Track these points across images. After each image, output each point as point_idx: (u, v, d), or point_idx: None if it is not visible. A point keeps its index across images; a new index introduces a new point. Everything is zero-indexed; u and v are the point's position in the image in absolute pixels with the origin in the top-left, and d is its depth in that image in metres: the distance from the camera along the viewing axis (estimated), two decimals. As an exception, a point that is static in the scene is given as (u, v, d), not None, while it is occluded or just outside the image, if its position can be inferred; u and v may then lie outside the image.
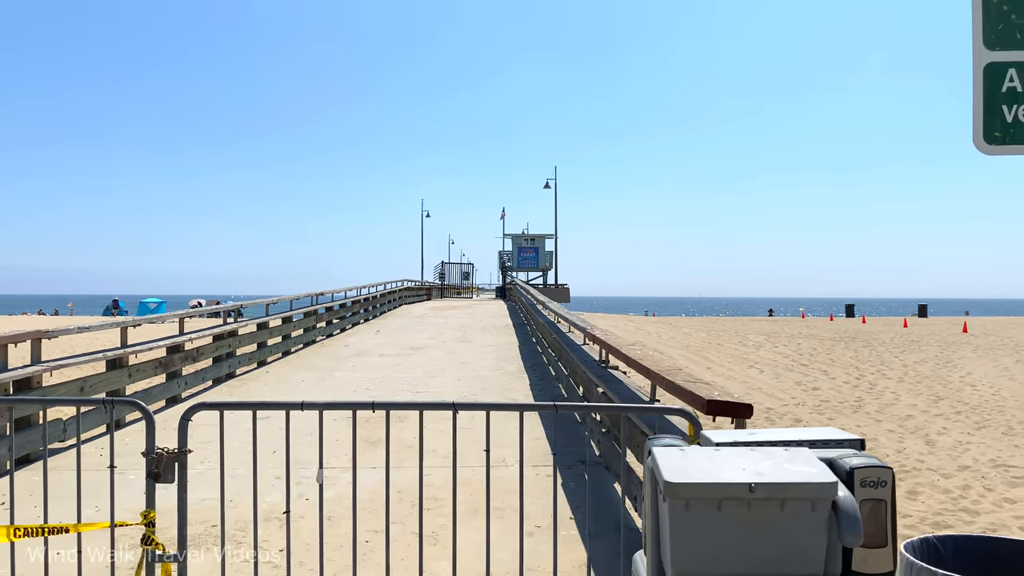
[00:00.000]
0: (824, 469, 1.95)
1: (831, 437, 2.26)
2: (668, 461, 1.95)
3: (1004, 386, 16.29)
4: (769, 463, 1.95)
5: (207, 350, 12.62)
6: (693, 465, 1.97)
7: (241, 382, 13.31)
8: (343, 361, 15.81)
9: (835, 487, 1.88)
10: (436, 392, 12.11)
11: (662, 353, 21.23)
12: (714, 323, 37.86)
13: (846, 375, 17.67)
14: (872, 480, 1.96)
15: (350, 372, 14.29)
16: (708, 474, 1.92)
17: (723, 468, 1.96)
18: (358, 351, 17.59)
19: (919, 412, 13.16)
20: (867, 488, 1.96)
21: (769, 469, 1.93)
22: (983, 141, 2.12)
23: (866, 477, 1.97)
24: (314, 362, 15.76)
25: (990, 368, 19.12)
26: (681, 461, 1.95)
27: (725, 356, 20.89)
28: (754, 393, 14.85)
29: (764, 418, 12.34)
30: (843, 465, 2.01)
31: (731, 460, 1.99)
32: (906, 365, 19.58)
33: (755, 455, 2.01)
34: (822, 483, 1.88)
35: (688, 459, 1.98)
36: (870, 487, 1.96)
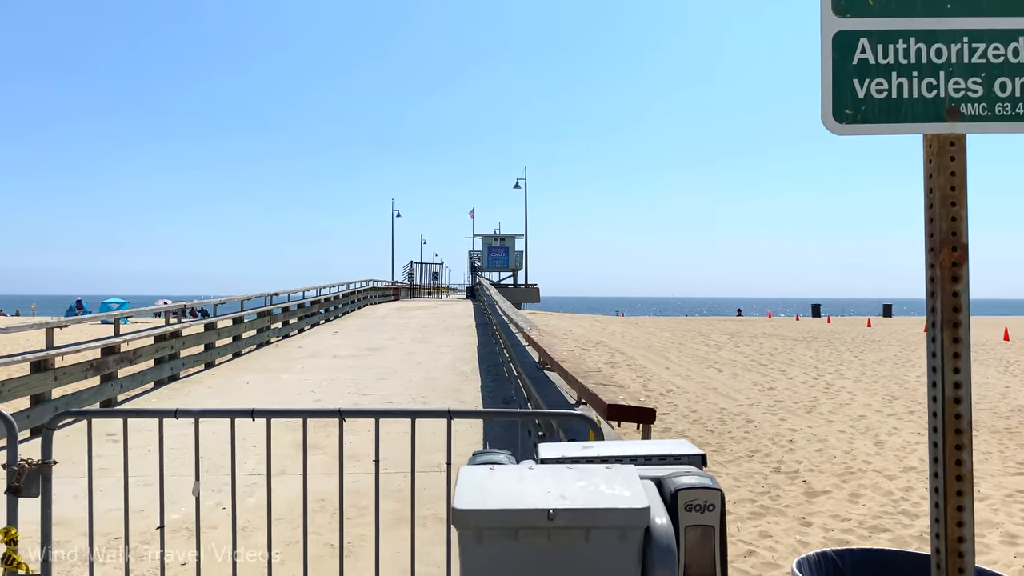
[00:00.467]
0: (639, 492, 1.70)
1: (671, 452, 2.04)
2: (468, 483, 1.71)
3: (959, 385, 16.36)
4: (581, 484, 1.72)
5: (147, 352, 12.24)
6: (496, 488, 1.71)
7: (184, 384, 12.94)
8: (294, 363, 15.48)
9: (646, 513, 1.64)
10: (383, 395, 11.85)
11: (624, 354, 21.12)
12: (681, 323, 37.92)
13: (804, 375, 17.65)
14: (698, 504, 1.73)
15: (298, 374, 13.97)
16: (507, 499, 1.66)
17: (529, 491, 1.70)
18: (312, 352, 17.26)
19: (872, 412, 13.11)
20: (693, 513, 1.73)
21: (578, 492, 1.69)
22: (832, 119, 1.91)
23: (692, 500, 1.74)
24: (264, 364, 15.42)
25: (947, 367, 19.23)
26: (485, 483, 1.71)
27: (686, 356, 20.81)
28: (709, 394, 14.75)
29: (716, 419, 12.23)
30: (669, 486, 1.79)
31: (542, 481, 1.75)
32: (864, 365, 19.62)
33: (571, 474, 1.77)
34: (631, 509, 1.63)
35: (495, 480, 1.74)
36: (696, 511, 1.73)
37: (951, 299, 1.69)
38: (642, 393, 14.64)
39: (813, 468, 9.13)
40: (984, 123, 1.89)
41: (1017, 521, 7.10)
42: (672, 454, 2.02)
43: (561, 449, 2.09)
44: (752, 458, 9.64)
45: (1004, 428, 11.86)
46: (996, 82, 1.92)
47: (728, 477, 8.67)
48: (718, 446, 10.32)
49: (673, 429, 11.38)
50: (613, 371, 17.48)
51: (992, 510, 7.45)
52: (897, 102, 1.93)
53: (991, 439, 10.98)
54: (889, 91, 1.93)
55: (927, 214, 1.81)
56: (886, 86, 1.93)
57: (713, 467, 9.13)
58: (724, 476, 8.70)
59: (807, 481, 8.49)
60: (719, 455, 9.79)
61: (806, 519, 7.11)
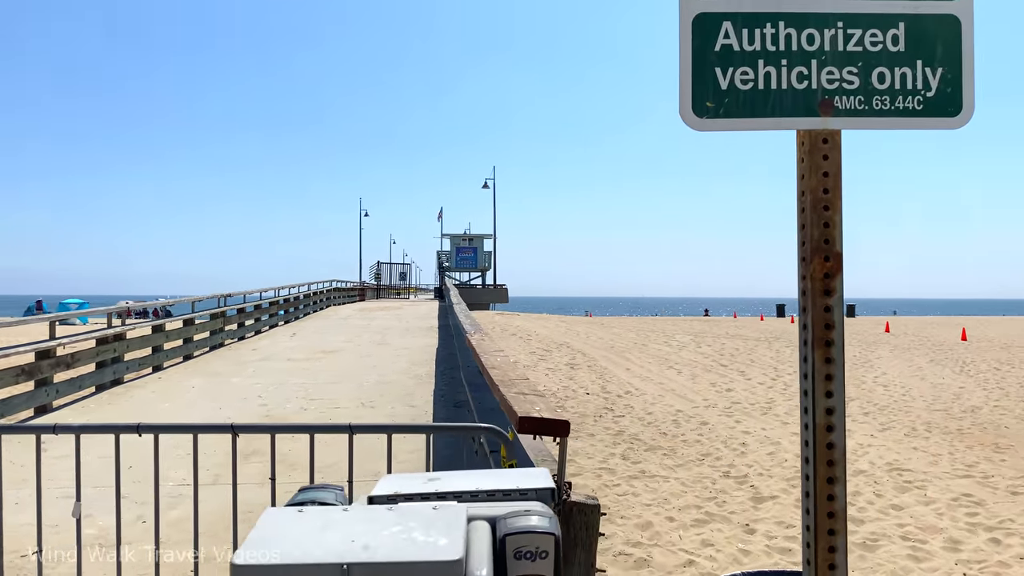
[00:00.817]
0: (457, 540, 1.47)
1: (520, 486, 1.84)
2: (261, 531, 1.49)
3: (915, 386, 16.42)
4: (396, 530, 1.50)
5: (87, 355, 11.85)
6: (291, 537, 1.48)
7: (127, 389, 12.55)
8: (245, 366, 15.13)
9: (459, 566, 1.40)
10: (330, 399, 11.57)
11: (586, 355, 20.98)
12: (647, 323, 37.94)
13: (763, 375, 17.64)
14: (529, 551, 1.53)
15: (248, 378, 13.64)
16: (296, 552, 1.42)
17: (328, 541, 1.48)
18: (266, 355, 16.91)
19: (828, 414, 13.10)
20: (523, 561, 1.53)
21: (388, 541, 1.47)
22: (691, 113, 1.71)
23: (521, 547, 1.54)
24: (214, 367, 15.05)
25: (904, 368, 19.34)
26: (283, 529, 1.49)
27: (647, 357, 20.73)
28: (667, 395, 14.65)
29: (671, 421, 12.11)
30: (500, 529, 1.59)
31: (351, 527, 1.52)
32: (824, 365, 19.68)
33: (389, 518, 1.56)
34: (441, 562, 1.39)
35: (296, 526, 1.51)
36: (527, 560, 1.53)
37: (823, 314, 1.52)
38: (601, 394, 14.51)
39: (763, 472, 9.03)
40: (860, 118, 1.71)
41: (961, 526, 7.04)
42: (519, 488, 1.82)
43: (400, 483, 1.88)
44: (703, 462, 9.52)
45: (956, 429, 11.89)
46: (874, 73, 1.73)
47: (676, 482, 8.54)
48: (670, 449, 10.20)
49: (627, 432, 11.24)
50: (574, 372, 17.34)
51: (937, 515, 7.39)
52: (764, 94, 1.73)
53: (942, 441, 10.98)
54: (755, 81, 1.73)
55: (799, 219, 1.63)
56: (752, 76, 1.73)
57: (663, 471, 9.00)
58: (672, 481, 8.57)
59: (755, 486, 8.38)
60: (670, 459, 9.67)
61: (750, 526, 6.98)
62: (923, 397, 14.93)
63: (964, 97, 1.75)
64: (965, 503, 7.78)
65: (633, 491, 8.12)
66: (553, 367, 18.16)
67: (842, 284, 1.53)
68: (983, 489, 8.33)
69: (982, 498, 7.97)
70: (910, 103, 1.73)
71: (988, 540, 6.66)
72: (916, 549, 6.41)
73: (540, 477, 1.90)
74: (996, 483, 8.60)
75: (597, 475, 8.73)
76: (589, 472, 8.84)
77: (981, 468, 9.32)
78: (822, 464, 1.52)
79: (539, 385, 15.43)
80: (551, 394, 14.37)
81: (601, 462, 9.39)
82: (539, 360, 19.28)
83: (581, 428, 11.44)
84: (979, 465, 9.47)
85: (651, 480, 8.60)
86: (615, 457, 9.69)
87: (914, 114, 1.73)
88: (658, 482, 8.53)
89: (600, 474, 8.79)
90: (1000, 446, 10.67)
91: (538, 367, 18.03)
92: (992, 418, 12.84)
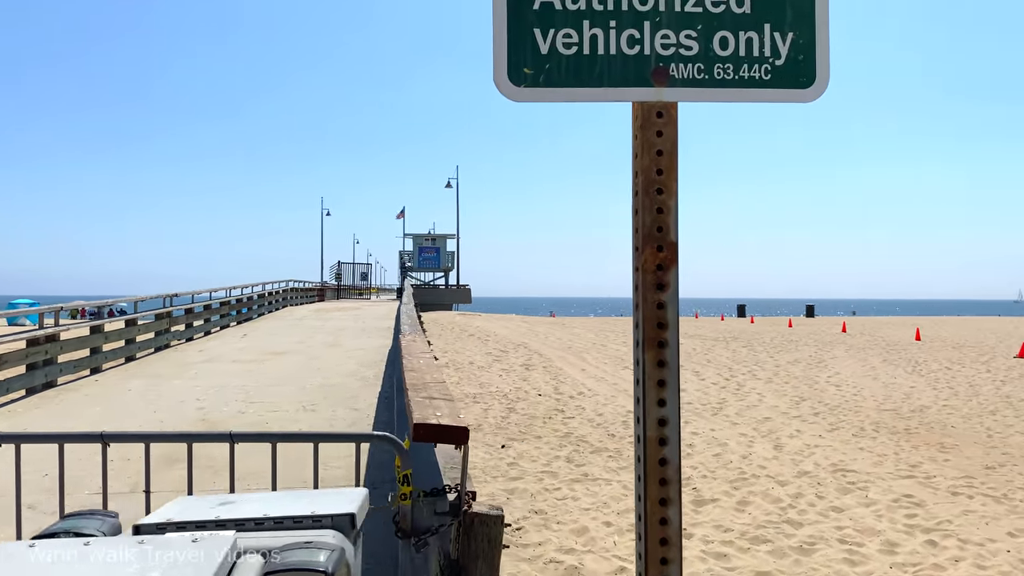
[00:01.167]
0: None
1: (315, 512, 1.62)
2: None
3: (867, 386, 16.49)
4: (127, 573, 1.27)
5: (15, 357, 11.39)
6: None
7: (59, 392, 12.10)
8: (188, 368, 14.71)
9: None
10: (271, 402, 11.25)
11: (543, 355, 20.81)
12: (609, 323, 37.90)
13: (717, 375, 17.61)
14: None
15: (189, 380, 13.24)
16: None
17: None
18: (212, 357, 16.48)
19: (779, 414, 13.05)
20: None
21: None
22: (507, 80, 1.49)
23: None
24: (156, 369, 14.61)
25: (857, 368, 19.45)
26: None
27: (604, 357, 20.62)
28: (620, 396, 14.51)
29: (621, 423, 11.97)
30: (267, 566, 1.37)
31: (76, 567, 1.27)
32: (779, 365, 19.72)
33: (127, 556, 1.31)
34: None
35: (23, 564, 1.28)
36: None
37: (655, 312, 1.31)
38: (554, 395, 14.33)
39: (707, 474, 8.90)
40: (699, 89, 1.48)
41: (899, 528, 6.96)
42: (314, 515, 1.60)
43: (185, 507, 1.65)
44: (648, 464, 9.39)
45: (904, 429, 11.90)
46: (715, 38, 1.49)
47: (619, 485, 8.38)
48: (616, 451, 10.04)
49: (575, 434, 11.07)
50: (528, 372, 17.15)
51: (876, 516, 7.31)
52: (590, 60, 1.49)
53: (889, 441, 10.97)
54: (580, 46, 1.47)
55: (633, 204, 1.42)
56: (576, 39, 1.48)
57: (606, 474, 8.84)
58: (615, 484, 8.41)
59: (697, 488, 8.25)
60: (615, 461, 9.51)
61: (687, 530, 6.83)
62: (874, 397, 14.99)
63: (818, 66, 1.53)
64: (905, 504, 7.72)
65: (573, 495, 7.94)
66: (508, 368, 17.96)
67: (677, 277, 1.33)
68: (924, 490, 8.29)
69: (923, 499, 7.92)
70: (757, 72, 1.49)
71: (925, 542, 6.58)
72: (852, 552, 6.31)
73: (349, 500, 1.68)
74: (938, 483, 8.56)
75: (539, 479, 8.53)
76: (531, 476, 8.64)
77: (924, 468, 9.29)
78: (654, 483, 1.33)
79: (492, 386, 15.23)
80: (503, 395, 14.17)
81: (545, 465, 9.20)
82: (494, 361, 19.08)
83: (529, 431, 11.25)
84: (923, 465, 9.45)
85: (593, 483, 8.43)
86: (560, 460, 9.51)
87: (761, 84, 1.51)
88: (600, 485, 8.36)
89: (542, 478, 8.60)
90: (945, 446, 10.69)
91: (492, 368, 17.83)
92: (940, 418, 12.89)
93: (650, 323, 1.34)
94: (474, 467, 8.86)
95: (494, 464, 9.09)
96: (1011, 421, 12.58)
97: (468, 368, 17.65)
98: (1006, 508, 7.61)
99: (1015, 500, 7.88)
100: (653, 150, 1.38)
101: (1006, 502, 7.82)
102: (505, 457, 9.48)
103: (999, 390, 15.86)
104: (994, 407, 13.89)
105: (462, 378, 16.21)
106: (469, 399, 13.72)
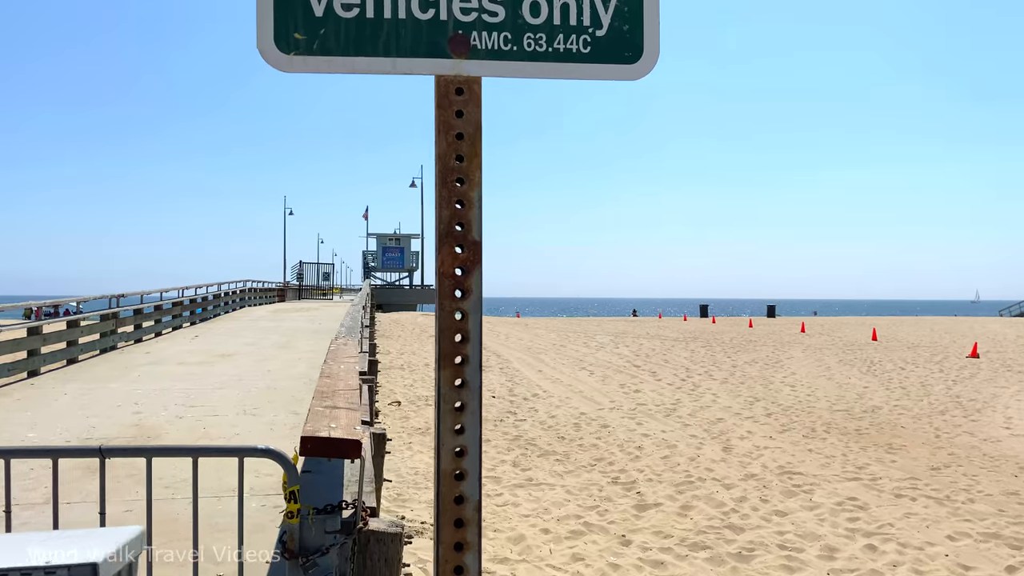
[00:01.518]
0: None
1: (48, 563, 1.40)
2: None
3: (821, 386, 16.53)
4: None
5: (-58, 361, 10.90)
6: None
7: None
8: (132, 371, 14.25)
9: None
10: (211, 406, 10.88)
11: (501, 356, 20.61)
12: (573, 324, 37.82)
13: (674, 376, 17.55)
14: None
15: (130, 383, 12.80)
16: None
17: None
18: (158, 359, 16.01)
19: (731, 415, 12.99)
20: None
21: None
22: (273, 47, 1.28)
23: None
24: (97, 372, 14.13)
25: (813, 368, 19.53)
26: None
27: (562, 358, 20.49)
28: (574, 397, 14.38)
29: (572, 425, 11.82)
30: None
31: None
32: (736, 365, 19.73)
33: None
34: None
35: None
36: None
37: (453, 323, 1.12)
38: (508, 397, 14.15)
39: (653, 478, 8.77)
40: (506, 62, 1.25)
41: (840, 533, 6.87)
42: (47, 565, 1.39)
43: None
44: (594, 468, 9.23)
45: (855, 430, 11.90)
46: (525, 2, 1.27)
47: (562, 490, 8.21)
48: (564, 455, 9.88)
49: (524, 437, 10.89)
50: (484, 374, 16.95)
51: (819, 520, 7.22)
52: (375, 25, 1.25)
53: (838, 442, 10.95)
54: (362, 7, 1.25)
55: (436, 195, 1.22)
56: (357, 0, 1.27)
57: (551, 479, 8.67)
58: (559, 488, 8.24)
59: (642, 492, 8.11)
60: (562, 465, 9.35)
61: (627, 537, 6.68)
62: (827, 397, 15.01)
63: (646, 38, 1.32)
64: (849, 507, 7.65)
65: (515, 501, 7.75)
66: (464, 369, 17.75)
67: (480, 282, 1.13)
68: (869, 492, 8.24)
69: (866, 501, 7.86)
70: (574, 44, 1.28)
71: (865, 547, 6.50)
72: (791, 559, 6.20)
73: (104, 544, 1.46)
74: (883, 485, 8.52)
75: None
76: (473, 481, 8.45)
77: (871, 470, 9.25)
78: (448, 525, 1.13)
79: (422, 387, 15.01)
80: (455, 398, 13.97)
81: (489, 470, 9.01)
82: (451, 362, 18.86)
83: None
84: (870, 467, 9.42)
85: (536, 488, 8.25)
86: (505, 464, 9.32)
87: (579, 58, 1.30)
88: (543, 490, 8.18)
89: (485, 483, 8.40)
90: (893, 446, 10.69)
91: (448, 369, 17.61)
92: (890, 418, 12.93)
93: (448, 336, 1.15)
94: (415, 473, 8.64)
95: (437, 469, 8.88)
96: (959, 421, 12.66)
97: (423, 370, 17.40)
98: (948, 510, 7.57)
99: (957, 502, 7.85)
100: (452, 133, 1.17)
101: (948, 504, 7.79)
102: (449, 462, 9.27)
103: (950, 390, 16.00)
104: (944, 407, 13.98)
105: (415, 380, 15.96)
106: (420, 402, 13.49)
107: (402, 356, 19.77)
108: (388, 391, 14.52)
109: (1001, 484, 8.64)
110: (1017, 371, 19.05)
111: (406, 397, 13.90)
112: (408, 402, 13.41)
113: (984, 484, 8.62)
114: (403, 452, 9.72)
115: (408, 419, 12.00)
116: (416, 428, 11.28)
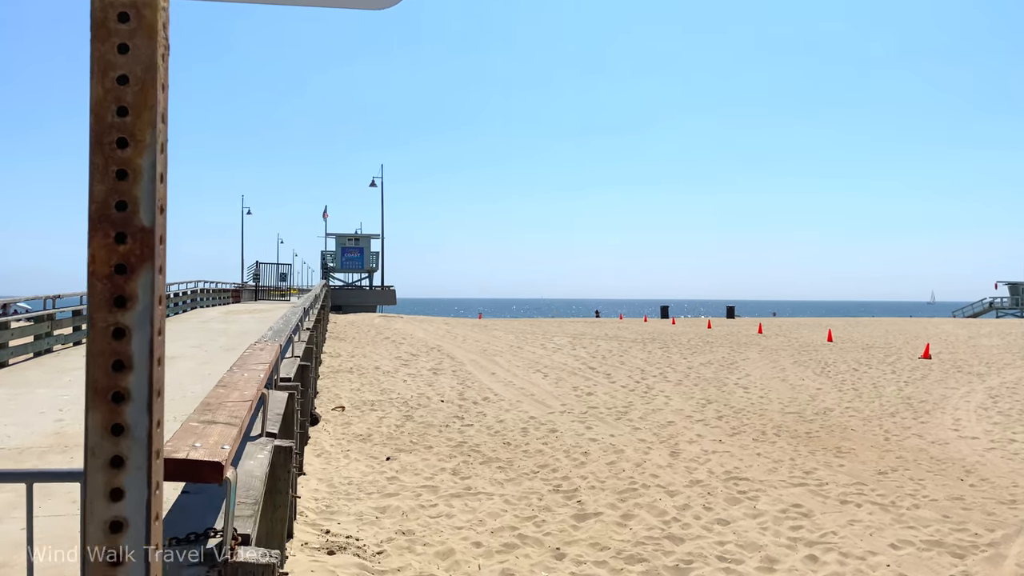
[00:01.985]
0: None
1: None
2: None
3: (775, 388, 16.46)
4: None
5: None
6: None
7: (-97, 404, 10.99)
8: (63, 375, 13.66)
9: None
10: (139, 412, 10.39)
11: (455, 359, 20.25)
12: (532, 325, 37.57)
13: (628, 378, 17.35)
14: None
15: (58, 388, 12.24)
16: None
17: None
18: (94, 362, 15.42)
19: (683, 418, 12.81)
20: None
21: None
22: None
23: None
24: (25, 376, 13.52)
25: (768, 369, 19.48)
26: None
27: (518, 360, 20.20)
28: (525, 401, 14.09)
29: (520, 430, 11.53)
30: None
31: None
32: (691, 367, 19.62)
33: None
34: None
35: None
36: None
37: (110, 344, 0.82)
38: (457, 401, 13.80)
39: (596, 485, 8.51)
40: None
41: (782, 542, 6.66)
42: None
43: None
44: (536, 475, 8.94)
45: (805, 433, 11.78)
46: None
47: (501, 499, 7.90)
48: (508, 461, 9.58)
49: (469, 443, 10.57)
50: (435, 378, 16.58)
51: (761, 529, 7.00)
52: None
53: (787, 446, 10.80)
54: None
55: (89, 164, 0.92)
56: None
57: (490, 487, 8.36)
58: (497, 498, 7.93)
59: (582, 501, 7.83)
60: (504, 472, 9.04)
61: (561, 550, 6.39)
62: (780, 399, 14.92)
63: None
64: (793, 515, 7.45)
65: (449, 512, 7.42)
66: (415, 373, 17.37)
67: (152, 287, 0.84)
68: (814, 498, 8.06)
69: (811, 508, 7.67)
70: None
71: (806, 557, 6.29)
72: (729, 571, 5.97)
73: None
74: (829, 491, 8.35)
75: (416, 495, 7.99)
76: (409, 492, 8.10)
77: (818, 475, 9.09)
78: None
79: (394, 392, 14.61)
80: (403, 402, 13.59)
81: (427, 479, 8.67)
82: (402, 366, 18.46)
83: (421, 440, 10.71)
84: (817, 472, 9.26)
85: (474, 498, 7.93)
86: (445, 472, 8.99)
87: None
88: (480, 500, 7.87)
89: (420, 493, 8.06)
90: (842, 450, 10.56)
91: (399, 373, 17.21)
92: (841, 420, 12.85)
93: (99, 363, 0.84)
94: (349, 483, 8.28)
95: (372, 479, 8.51)
96: (909, 423, 12.62)
97: (372, 373, 16.99)
98: (892, 517, 7.41)
99: (902, 508, 7.71)
100: (112, 75, 0.87)
101: (893, 510, 7.63)
102: (387, 471, 8.91)
103: (901, 391, 16.02)
104: (894, 408, 13.96)
105: (363, 384, 15.56)
106: (366, 407, 13.10)
107: (352, 359, 19.33)
108: (333, 396, 14.09)
109: (947, 488, 8.53)
110: (967, 372, 19.20)
111: (351, 402, 13.49)
112: (353, 407, 13.00)
113: (930, 488, 8.50)
114: (339, 460, 9.34)
115: (350, 425, 11.61)
116: (357, 435, 10.90)
